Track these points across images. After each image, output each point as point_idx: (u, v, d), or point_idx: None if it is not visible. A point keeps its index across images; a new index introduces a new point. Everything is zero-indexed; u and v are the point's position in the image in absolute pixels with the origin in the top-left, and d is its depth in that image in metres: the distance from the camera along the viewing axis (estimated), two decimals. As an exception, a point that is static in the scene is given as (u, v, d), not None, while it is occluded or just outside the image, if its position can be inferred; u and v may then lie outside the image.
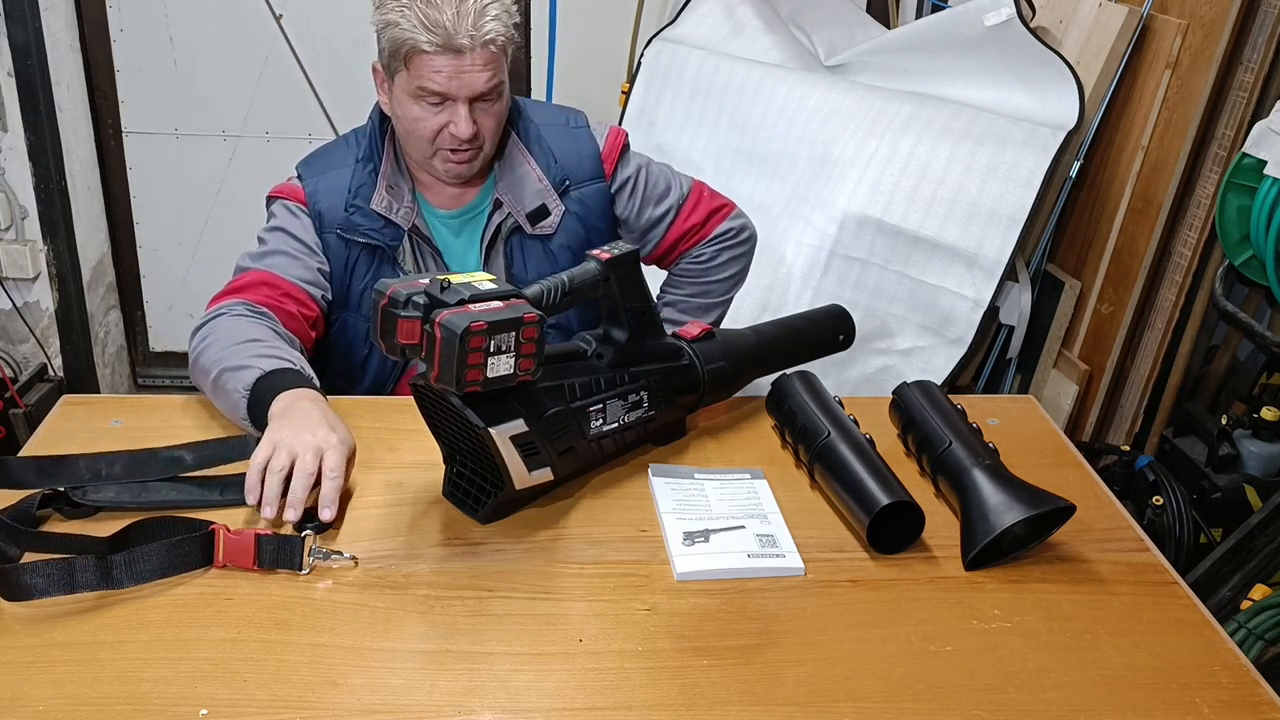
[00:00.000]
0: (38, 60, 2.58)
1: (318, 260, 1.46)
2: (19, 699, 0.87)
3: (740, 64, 2.43)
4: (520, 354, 1.05)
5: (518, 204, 1.50)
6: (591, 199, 1.55)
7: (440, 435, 1.16)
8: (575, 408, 1.15)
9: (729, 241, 1.63)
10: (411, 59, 1.36)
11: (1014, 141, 2.09)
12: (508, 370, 1.04)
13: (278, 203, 1.49)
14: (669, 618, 1.00)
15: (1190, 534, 2.04)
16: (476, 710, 0.89)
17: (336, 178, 1.48)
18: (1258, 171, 1.90)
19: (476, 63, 1.35)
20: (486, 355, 1.02)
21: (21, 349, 2.84)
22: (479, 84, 1.37)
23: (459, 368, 1.01)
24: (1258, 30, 2.02)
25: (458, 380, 1.01)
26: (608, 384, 1.18)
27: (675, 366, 1.26)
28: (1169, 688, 0.94)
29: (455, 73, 1.36)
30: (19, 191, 2.68)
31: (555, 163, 1.52)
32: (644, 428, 1.24)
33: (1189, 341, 2.23)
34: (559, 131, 1.56)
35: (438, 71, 1.35)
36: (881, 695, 0.91)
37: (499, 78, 1.40)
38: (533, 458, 1.10)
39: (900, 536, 1.11)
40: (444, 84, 1.36)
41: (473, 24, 1.33)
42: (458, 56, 1.34)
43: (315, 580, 1.02)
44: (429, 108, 1.39)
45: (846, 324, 1.45)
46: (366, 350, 1.52)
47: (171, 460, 1.16)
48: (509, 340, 1.03)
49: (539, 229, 1.51)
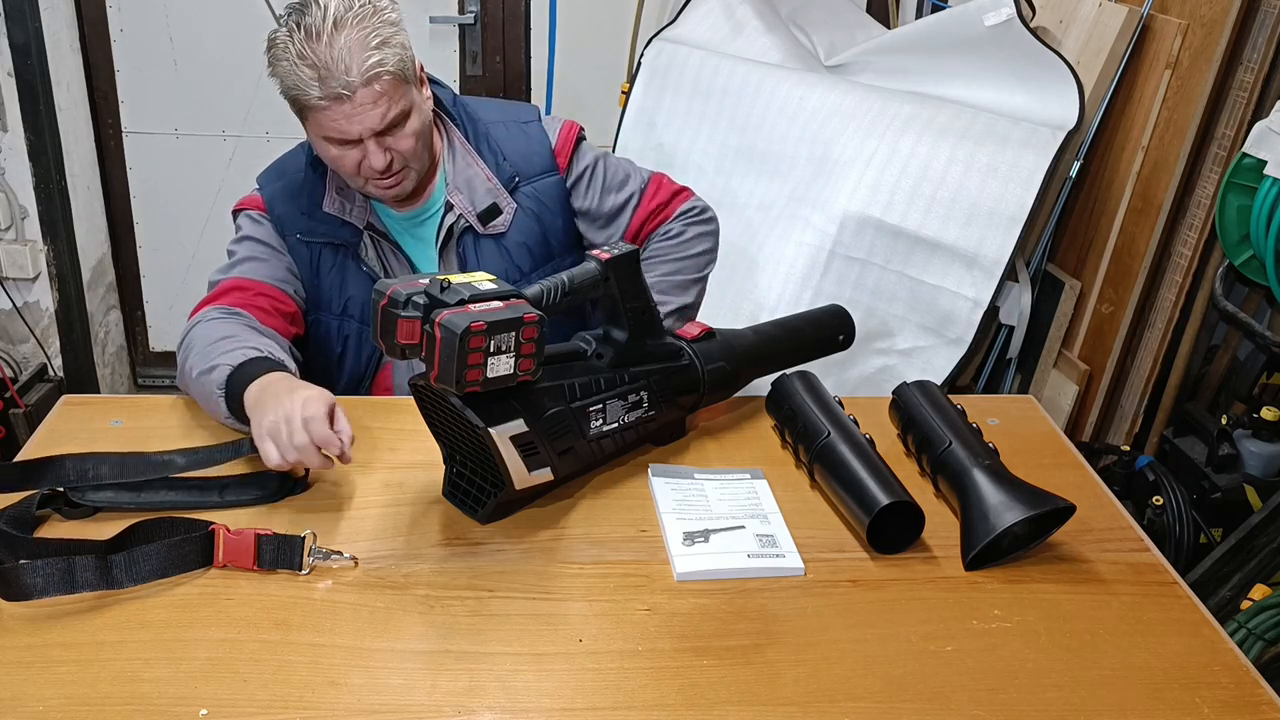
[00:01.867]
0: (38, 60, 2.58)
1: (286, 260, 1.48)
2: (19, 699, 0.87)
3: (740, 64, 2.43)
4: (520, 354, 1.05)
5: (468, 205, 1.51)
6: (545, 193, 1.56)
7: (440, 435, 1.16)
8: (575, 408, 1.15)
9: (695, 218, 1.63)
10: (305, 113, 1.38)
11: (1014, 141, 2.09)
12: (508, 370, 1.04)
13: (242, 214, 1.52)
14: (669, 618, 1.00)
15: (1190, 534, 2.03)
16: (476, 710, 0.89)
17: (290, 183, 1.51)
18: (1258, 171, 1.89)
19: (366, 102, 1.33)
20: (487, 355, 1.02)
21: (21, 349, 2.84)
22: (375, 122, 1.35)
23: (459, 368, 1.01)
24: (1258, 30, 2.02)
25: (458, 380, 1.01)
26: (608, 384, 1.18)
27: (675, 367, 1.26)
28: (1169, 688, 0.94)
29: (348, 118, 1.34)
30: (19, 191, 2.68)
31: (504, 160, 1.54)
32: (644, 428, 1.24)
33: (1189, 341, 2.23)
34: (508, 129, 1.57)
35: (333, 120, 1.35)
36: (881, 695, 0.91)
37: (399, 106, 1.37)
38: (533, 458, 1.10)
39: (900, 536, 1.11)
40: (342, 129, 1.36)
41: (351, 66, 1.31)
42: (346, 103, 1.33)
43: (315, 580, 1.02)
44: (342, 146, 1.39)
45: (846, 324, 1.45)
46: (340, 348, 1.53)
47: (163, 463, 1.16)
48: (509, 340, 1.03)
49: (491, 228, 1.52)
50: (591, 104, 2.84)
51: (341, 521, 1.12)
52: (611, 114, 2.68)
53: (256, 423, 1.14)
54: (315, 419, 1.11)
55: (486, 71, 2.87)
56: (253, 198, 1.52)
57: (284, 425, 1.11)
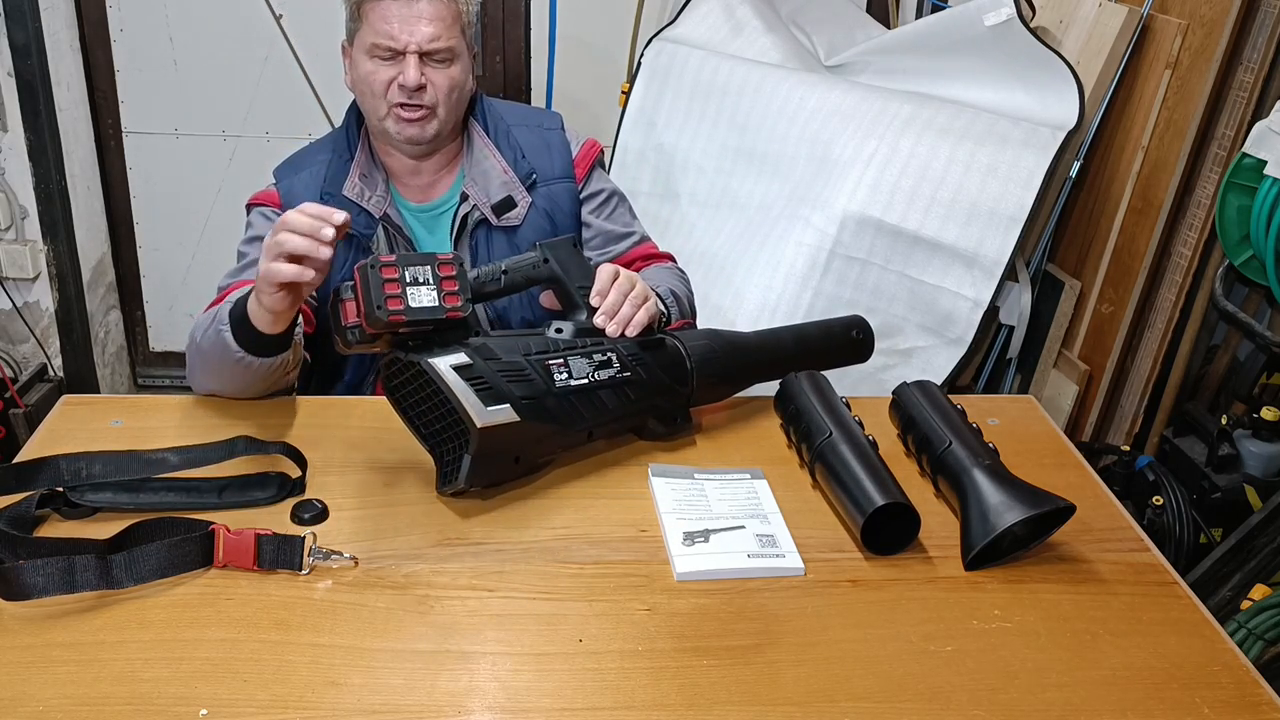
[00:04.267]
0: (38, 60, 2.58)
1: None
2: (19, 699, 0.87)
3: (740, 64, 2.43)
4: (443, 289, 1.07)
5: (483, 195, 1.53)
6: (560, 197, 1.57)
7: (417, 425, 1.17)
8: (532, 359, 1.14)
9: (678, 267, 1.66)
10: (365, 7, 1.44)
11: (1014, 141, 2.09)
12: (432, 302, 1.06)
13: (254, 211, 1.53)
14: (669, 618, 1.00)
15: (1190, 534, 2.04)
16: (476, 710, 0.89)
17: (310, 174, 1.52)
18: (1258, 171, 1.90)
19: (425, 15, 1.42)
20: (404, 286, 1.05)
21: (21, 349, 2.84)
22: (424, 37, 1.42)
23: (376, 294, 1.04)
24: (1258, 30, 2.02)
25: (379, 307, 1.04)
26: (566, 347, 1.18)
27: (649, 340, 1.24)
28: (1169, 688, 0.94)
29: (403, 20, 1.42)
30: (19, 191, 2.68)
31: (523, 158, 1.56)
32: (627, 394, 1.21)
33: (1189, 341, 2.23)
34: (530, 131, 1.60)
35: (388, 20, 1.42)
36: (881, 695, 0.91)
37: (449, 40, 1.45)
38: (485, 392, 1.09)
39: (897, 538, 1.11)
40: (393, 33, 1.42)
41: None
42: (408, 3, 1.42)
43: (315, 580, 1.02)
44: (381, 63, 1.45)
45: (865, 337, 1.43)
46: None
47: (157, 461, 1.16)
48: (425, 273, 1.06)
49: (504, 220, 1.53)
50: (591, 104, 2.84)
51: (341, 521, 1.12)
52: (611, 114, 2.68)
53: (255, 290, 1.18)
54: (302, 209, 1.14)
55: (486, 71, 2.87)
56: (268, 192, 1.53)
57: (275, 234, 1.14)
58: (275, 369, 1.28)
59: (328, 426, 1.30)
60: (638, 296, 1.24)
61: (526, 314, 1.54)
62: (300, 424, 1.30)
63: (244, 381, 1.29)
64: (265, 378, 1.29)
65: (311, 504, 1.12)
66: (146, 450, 1.16)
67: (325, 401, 1.38)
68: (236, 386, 1.31)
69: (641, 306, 1.24)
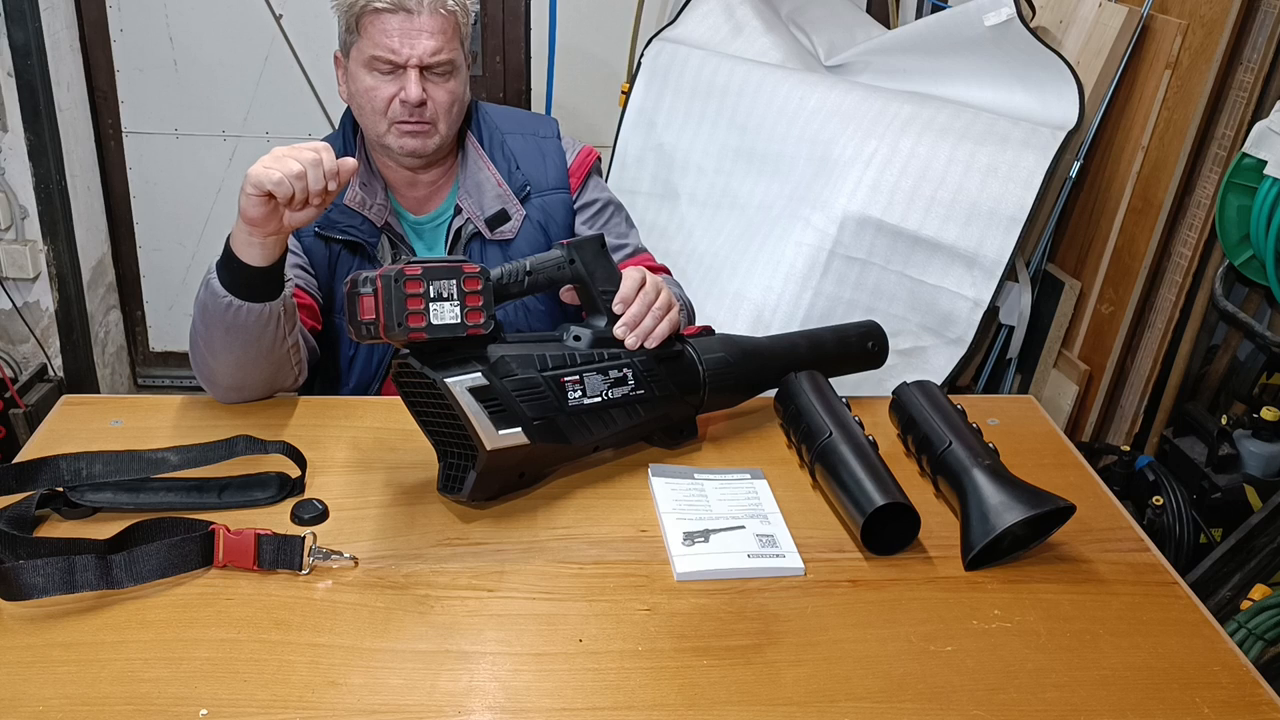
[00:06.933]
0: (38, 60, 2.58)
1: (300, 258, 1.48)
2: (19, 699, 0.87)
3: (740, 64, 2.43)
4: (466, 305, 1.05)
5: (476, 209, 1.52)
6: (554, 208, 1.56)
7: (425, 423, 1.16)
8: (547, 376, 1.13)
9: (675, 281, 1.65)
10: (364, 20, 1.41)
11: (1014, 141, 2.09)
12: (454, 319, 1.04)
13: None
14: (669, 618, 1.00)
15: (1190, 534, 2.04)
16: (476, 710, 0.89)
17: None
18: (1258, 171, 1.90)
19: (425, 27, 1.40)
20: (427, 301, 1.03)
21: (21, 349, 2.84)
22: (426, 51, 1.40)
23: (399, 311, 1.02)
24: (1258, 30, 2.02)
25: (399, 324, 1.02)
26: (584, 360, 1.16)
27: (666, 353, 1.23)
28: (1169, 688, 0.94)
29: (404, 34, 1.40)
30: (19, 191, 2.68)
31: (517, 169, 1.54)
32: (641, 412, 1.20)
33: (1189, 341, 2.23)
34: (525, 140, 1.58)
35: (388, 34, 1.39)
36: (881, 695, 0.91)
37: (449, 53, 1.43)
38: (499, 415, 1.08)
39: (897, 538, 1.11)
40: (394, 47, 1.40)
41: None
42: (409, 16, 1.39)
43: (315, 580, 1.02)
44: (381, 77, 1.43)
45: (880, 343, 1.41)
46: (353, 351, 1.53)
47: (157, 461, 1.16)
48: (450, 288, 1.04)
49: (498, 234, 1.53)
50: (591, 104, 2.84)
51: (341, 521, 1.12)
52: (611, 114, 2.68)
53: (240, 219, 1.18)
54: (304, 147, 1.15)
55: (486, 71, 2.87)
56: None
57: (270, 159, 1.15)
58: (268, 326, 1.24)
59: (328, 426, 1.30)
60: (661, 308, 1.21)
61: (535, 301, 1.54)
62: (300, 424, 1.30)
63: (240, 346, 1.25)
64: (259, 340, 1.25)
65: (311, 504, 1.12)
66: (146, 450, 1.16)
67: (325, 401, 1.38)
68: (235, 358, 1.26)
69: (664, 318, 1.21)
